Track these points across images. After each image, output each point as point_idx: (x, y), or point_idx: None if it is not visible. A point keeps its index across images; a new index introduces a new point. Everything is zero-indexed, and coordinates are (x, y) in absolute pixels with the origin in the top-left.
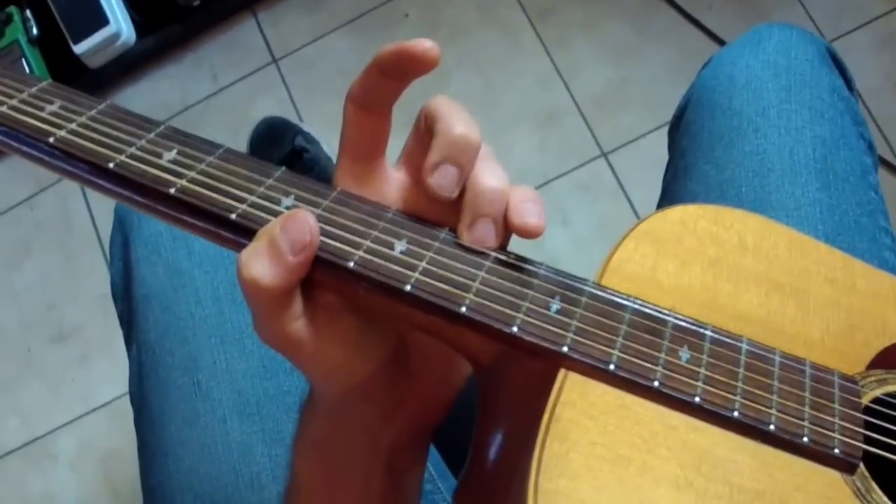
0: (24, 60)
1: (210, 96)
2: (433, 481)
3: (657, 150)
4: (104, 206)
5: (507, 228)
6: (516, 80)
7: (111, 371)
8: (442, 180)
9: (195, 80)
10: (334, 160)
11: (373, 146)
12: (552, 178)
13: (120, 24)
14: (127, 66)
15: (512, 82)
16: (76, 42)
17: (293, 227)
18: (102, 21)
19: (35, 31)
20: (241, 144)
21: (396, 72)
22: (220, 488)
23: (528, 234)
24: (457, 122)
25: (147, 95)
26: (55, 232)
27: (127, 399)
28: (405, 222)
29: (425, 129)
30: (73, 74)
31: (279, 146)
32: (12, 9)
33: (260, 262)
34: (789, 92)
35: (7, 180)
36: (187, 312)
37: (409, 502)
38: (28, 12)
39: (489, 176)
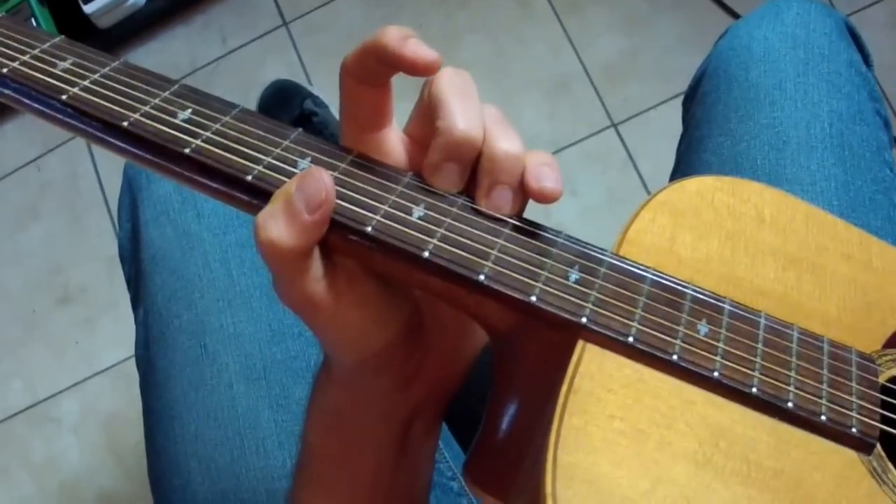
0: (33, 20)
1: (219, 58)
2: (438, 450)
3: (667, 121)
4: (111, 168)
5: (524, 193)
6: (527, 47)
7: (116, 334)
8: (444, 181)
9: (204, 42)
10: None
11: (376, 117)
12: (561, 147)
13: None
14: (136, 27)
15: (523, 49)
16: (86, 1)
17: (308, 185)
18: None
19: None
20: (250, 107)
21: (393, 64)
22: (226, 453)
23: (545, 198)
24: (459, 116)
25: (156, 56)
26: (62, 193)
27: (131, 363)
28: (422, 187)
29: (428, 106)
30: (82, 34)
31: (288, 109)
32: None
33: (276, 223)
34: (807, 65)
35: (14, 140)
36: (195, 275)
37: (422, 473)
38: None
39: (504, 141)
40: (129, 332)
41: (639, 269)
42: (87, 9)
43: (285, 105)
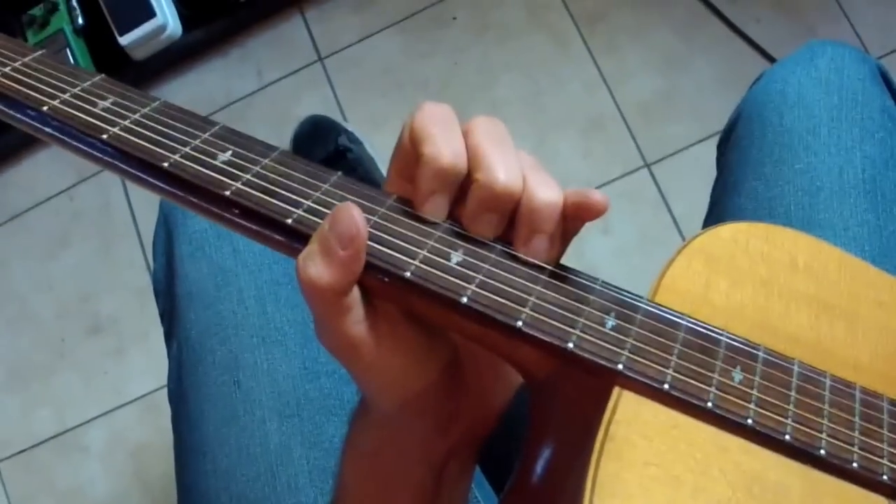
0: (68, 50)
1: (255, 92)
2: (471, 492)
3: (701, 161)
4: (144, 199)
5: (563, 238)
6: (563, 86)
7: (145, 365)
8: (483, 229)
9: (240, 76)
10: (377, 160)
11: None
12: (595, 186)
13: (166, 17)
14: (171, 60)
15: (558, 88)
16: (122, 33)
17: (340, 221)
18: (149, 13)
19: (80, 20)
20: (284, 142)
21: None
22: (257, 489)
23: (591, 207)
24: (500, 168)
25: (191, 89)
26: (94, 223)
27: (160, 394)
28: (460, 233)
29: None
30: (117, 66)
31: (322, 145)
32: None
33: (314, 263)
34: (840, 110)
35: (48, 169)
36: (230, 311)
37: None
38: (74, 1)
39: (544, 190)
40: (159, 363)
41: (674, 316)
42: (123, 41)
43: (320, 140)
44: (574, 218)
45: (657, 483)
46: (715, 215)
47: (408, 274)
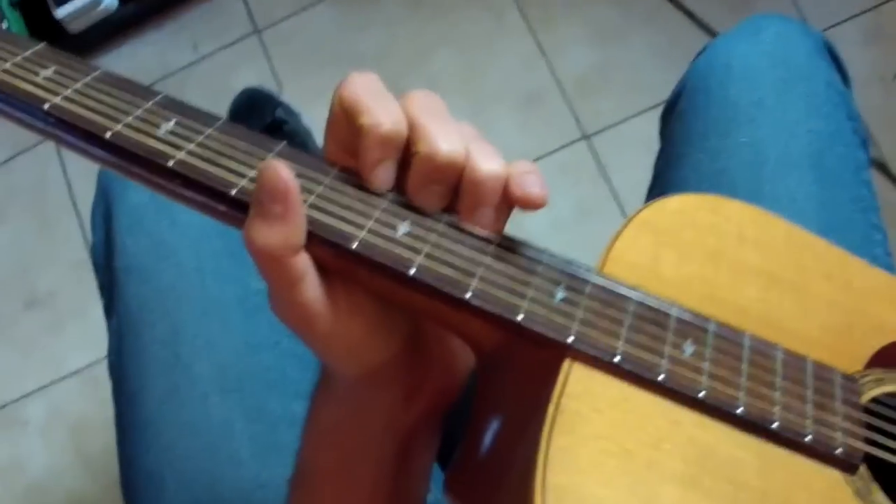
0: (4, 22)
1: (191, 65)
2: None
3: (639, 134)
4: (81, 172)
5: (508, 208)
6: (499, 60)
7: (83, 338)
8: (427, 202)
9: (176, 49)
10: (313, 133)
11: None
12: (533, 159)
13: None
14: (107, 32)
15: (495, 61)
16: (58, 5)
17: (266, 178)
18: None
19: None
20: (221, 114)
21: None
22: (200, 463)
23: (532, 203)
24: (441, 140)
25: (127, 62)
26: (30, 196)
27: (98, 366)
28: (407, 203)
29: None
30: (52, 38)
31: (259, 117)
32: None
33: (255, 228)
34: (786, 84)
35: None
36: (169, 285)
37: (419, 489)
38: None
39: (486, 161)
40: (97, 337)
41: (624, 288)
42: (59, 13)
43: (256, 113)
44: (515, 203)
45: (609, 457)
46: (658, 188)
47: (354, 245)
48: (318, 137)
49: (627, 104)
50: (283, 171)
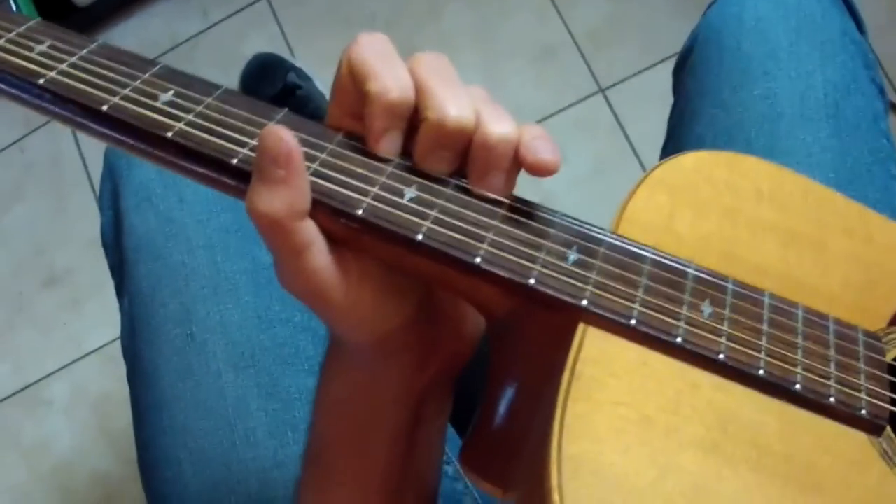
0: (12, 2)
1: (200, 33)
2: None
3: (655, 85)
4: (95, 148)
5: (517, 170)
6: (512, 14)
7: (103, 315)
8: (436, 167)
9: (185, 17)
10: (327, 96)
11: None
12: (549, 114)
13: None
14: (115, 4)
15: (507, 17)
16: None
17: (268, 143)
18: None
19: None
20: (232, 82)
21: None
22: (216, 443)
23: (543, 169)
24: (450, 103)
25: (136, 34)
26: (45, 174)
27: (118, 345)
28: (414, 168)
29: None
30: (61, 13)
31: (271, 83)
32: None
33: (258, 194)
34: (799, 34)
35: None
36: (179, 263)
37: (433, 458)
38: None
39: (497, 124)
40: (116, 314)
41: (638, 248)
42: None
43: (268, 79)
44: (526, 168)
45: (628, 423)
46: (673, 145)
47: (359, 212)
48: None
49: (642, 55)
50: (284, 133)
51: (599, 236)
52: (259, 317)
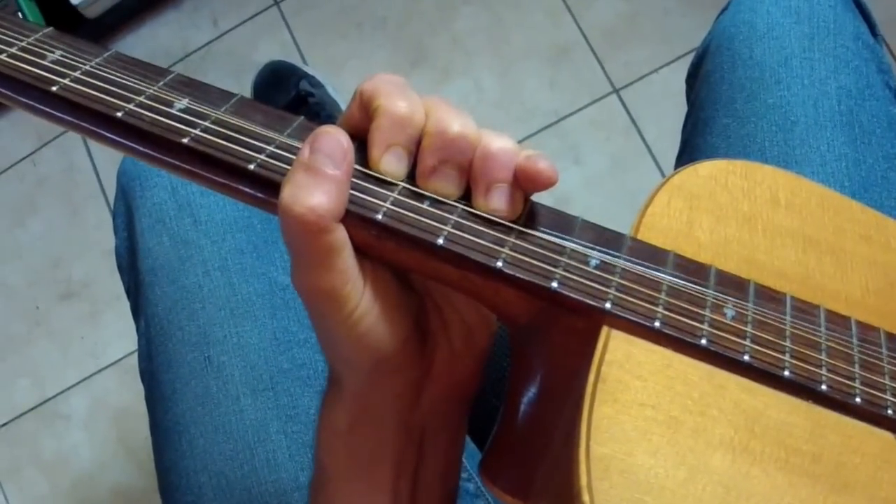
0: (19, 13)
1: (211, 42)
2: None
3: (670, 85)
4: (108, 160)
5: (519, 188)
6: (525, 15)
7: (121, 327)
8: (442, 184)
9: (195, 26)
10: (340, 103)
11: None
12: (564, 115)
13: None
14: (125, 15)
15: (520, 17)
16: None
17: (325, 141)
18: None
19: None
20: (245, 90)
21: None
22: (236, 467)
23: (542, 178)
24: (452, 118)
25: (147, 43)
26: (59, 187)
27: (137, 357)
28: (422, 193)
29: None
30: (71, 25)
31: (284, 91)
32: None
33: (307, 191)
34: (812, 40)
35: (8, 136)
36: (195, 285)
37: (446, 482)
38: None
39: (497, 139)
40: (134, 326)
41: (660, 252)
42: None
43: (281, 86)
44: (525, 184)
45: (655, 424)
46: (688, 154)
47: (379, 216)
48: (346, 106)
49: (656, 55)
50: (341, 134)
51: (620, 241)
52: (277, 339)
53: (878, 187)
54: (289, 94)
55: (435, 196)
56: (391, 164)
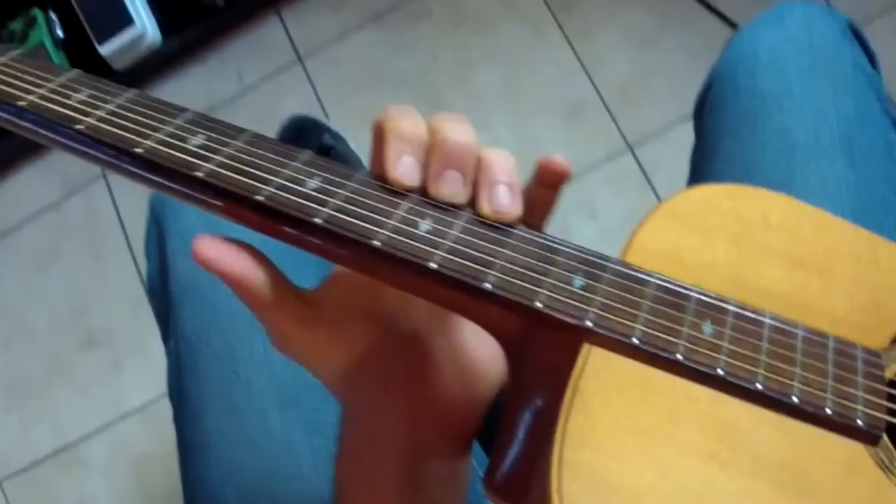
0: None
1: (236, 96)
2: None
3: (683, 140)
4: (132, 208)
5: (540, 208)
6: (541, 72)
7: (141, 375)
8: (447, 189)
9: (221, 80)
10: (361, 156)
11: None
12: (579, 171)
13: (145, 24)
14: (152, 67)
15: (536, 74)
16: (101, 43)
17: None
18: (127, 21)
19: (60, 32)
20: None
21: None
22: (262, 480)
23: (554, 167)
24: (458, 128)
25: (172, 96)
26: (83, 236)
27: (158, 404)
28: (431, 203)
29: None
30: (98, 76)
31: (307, 144)
32: (36, 11)
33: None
34: (812, 68)
35: (34, 185)
36: (224, 304)
37: None
38: (52, 14)
39: (497, 150)
40: (155, 373)
41: (643, 273)
42: (103, 50)
43: (304, 140)
44: (544, 181)
45: (627, 433)
46: (695, 181)
47: (376, 243)
48: (367, 160)
49: (669, 111)
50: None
51: (605, 262)
52: None
53: (878, 209)
54: (311, 147)
55: (440, 211)
56: (403, 171)
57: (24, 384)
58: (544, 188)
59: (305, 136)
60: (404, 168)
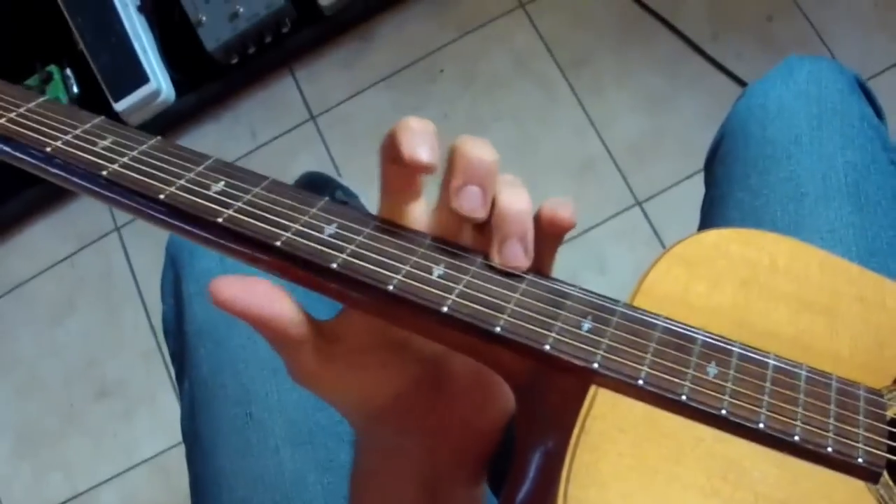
0: None
1: (249, 153)
2: None
3: (691, 196)
4: (146, 262)
5: (545, 249)
6: (552, 131)
7: (153, 426)
8: (466, 202)
9: (234, 138)
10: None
11: (405, 190)
12: (589, 227)
13: (160, 82)
14: (166, 124)
15: (547, 133)
16: (117, 100)
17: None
18: (143, 79)
19: (76, 89)
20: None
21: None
22: None
23: (558, 221)
24: (473, 146)
25: None
26: (97, 288)
27: (169, 454)
28: (444, 248)
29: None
30: None
31: None
32: (52, 67)
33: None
34: (821, 120)
35: (48, 237)
36: (239, 346)
37: None
38: (68, 70)
39: (514, 198)
40: (167, 424)
41: (650, 317)
42: (118, 107)
43: None
44: (548, 229)
45: (632, 472)
46: (704, 228)
47: (390, 287)
48: None
49: (678, 168)
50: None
51: (613, 307)
52: (316, 397)
53: (884, 253)
54: None
55: (453, 257)
56: (423, 154)
57: (37, 433)
58: (550, 232)
59: (319, 192)
60: (422, 155)
